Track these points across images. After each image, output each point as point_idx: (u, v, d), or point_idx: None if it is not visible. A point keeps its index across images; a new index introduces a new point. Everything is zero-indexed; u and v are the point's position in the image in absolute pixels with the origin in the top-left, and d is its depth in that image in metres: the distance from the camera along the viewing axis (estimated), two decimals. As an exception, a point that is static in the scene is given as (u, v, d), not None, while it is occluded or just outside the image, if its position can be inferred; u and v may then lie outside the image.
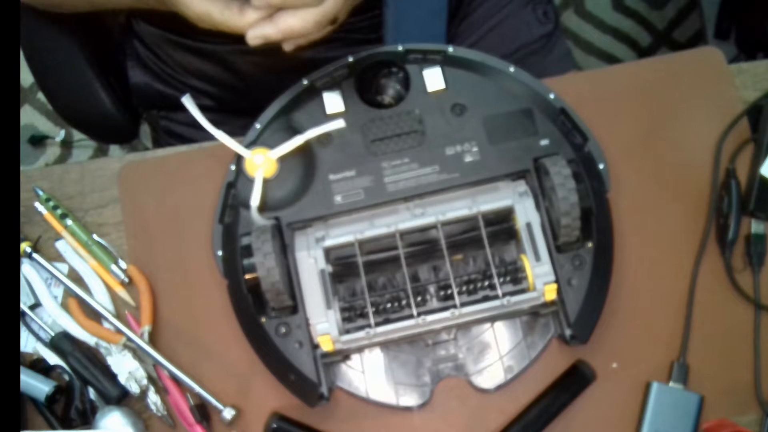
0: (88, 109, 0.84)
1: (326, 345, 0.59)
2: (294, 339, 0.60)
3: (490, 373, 0.62)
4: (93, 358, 0.64)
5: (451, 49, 0.65)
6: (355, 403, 0.63)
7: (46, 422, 0.64)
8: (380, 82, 0.65)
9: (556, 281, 0.60)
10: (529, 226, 0.61)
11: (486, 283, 0.60)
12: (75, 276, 0.67)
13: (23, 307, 0.66)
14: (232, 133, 0.62)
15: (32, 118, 1.53)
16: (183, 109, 0.60)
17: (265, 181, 0.61)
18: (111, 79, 0.87)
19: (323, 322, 0.59)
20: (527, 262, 0.60)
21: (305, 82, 0.65)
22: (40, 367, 0.65)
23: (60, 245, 0.68)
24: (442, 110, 0.64)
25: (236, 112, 0.81)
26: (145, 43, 0.82)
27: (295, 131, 0.62)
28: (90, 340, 0.65)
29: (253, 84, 0.80)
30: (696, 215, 0.66)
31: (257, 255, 0.57)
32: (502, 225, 0.62)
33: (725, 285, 0.64)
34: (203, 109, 0.62)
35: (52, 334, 0.65)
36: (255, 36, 0.53)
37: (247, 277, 0.59)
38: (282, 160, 0.61)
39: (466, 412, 0.62)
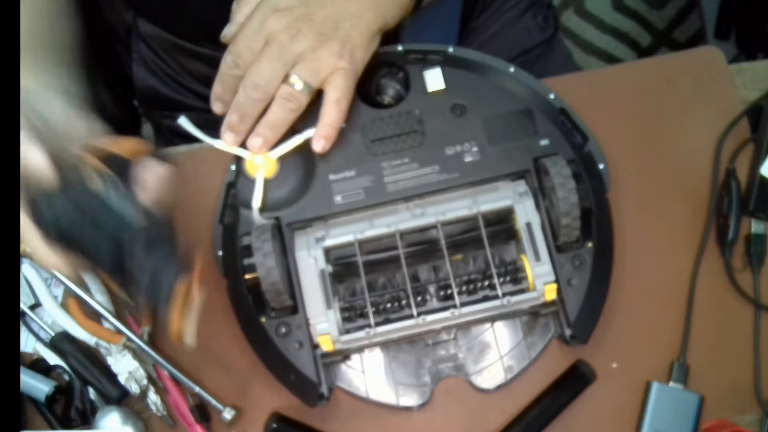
0: (89, 108, 0.84)
1: (326, 345, 0.59)
2: (294, 339, 0.60)
3: (490, 373, 0.62)
4: (93, 358, 0.64)
5: (451, 49, 0.65)
6: (355, 403, 0.63)
7: (46, 422, 0.63)
8: (380, 82, 0.65)
9: (556, 281, 0.60)
10: (529, 226, 0.61)
11: (486, 283, 0.60)
12: (75, 276, 0.67)
13: (23, 307, 0.66)
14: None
15: (32, 118, 1.53)
16: (187, 110, 0.60)
17: (265, 181, 0.61)
18: (112, 78, 0.86)
19: (323, 322, 0.59)
20: (527, 262, 0.60)
21: (305, 82, 0.65)
22: (40, 367, 0.65)
23: (60, 245, 0.68)
24: (442, 110, 0.64)
25: None
26: (151, 46, 0.82)
27: (294, 131, 0.62)
28: (90, 340, 0.65)
29: None
30: (696, 215, 0.66)
31: (257, 255, 0.57)
32: (502, 225, 0.62)
33: (725, 285, 0.64)
34: (207, 113, 0.62)
35: (52, 334, 0.65)
36: None
37: (247, 277, 0.59)
38: (282, 160, 0.61)
39: (466, 412, 0.62)
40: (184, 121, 0.61)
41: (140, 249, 0.49)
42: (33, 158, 0.47)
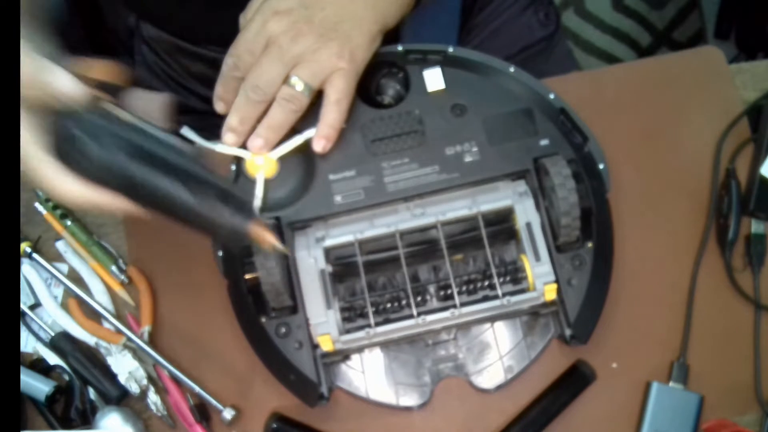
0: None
1: (326, 345, 0.59)
2: (294, 339, 0.60)
3: (490, 373, 0.62)
4: (93, 358, 0.64)
5: (451, 49, 0.65)
6: (355, 403, 0.63)
7: (46, 422, 0.64)
8: (380, 82, 0.65)
9: (556, 281, 0.60)
10: (529, 226, 0.61)
11: (486, 283, 0.60)
12: (75, 276, 0.67)
13: (23, 307, 0.66)
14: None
15: (32, 118, 1.53)
16: (189, 112, 0.60)
17: (266, 181, 0.61)
18: None
19: (323, 322, 0.59)
20: (527, 262, 0.60)
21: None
22: (40, 367, 0.65)
23: (60, 245, 0.68)
24: (442, 110, 0.64)
25: None
26: (154, 49, 0.81)
27: (295, 131, 0.62)
28: (90, 340, 0.65)
29: None
30: (696, 215, 0.66)
31: (257, 255, 0.57)
32: (502, 225, 0.62)
33: (725, 285, 0.64)
34: (210, 116, 0.62)
35: (52, 334, 0.65)
36: None
37: (247, 277, 0.59)
38: (282, 160, 0.61)
39: (466, 412, 0.62)
40: (187, 131, 0.61)
41: (203, 174, 0.48)
42: (60, 80, 0.47)
